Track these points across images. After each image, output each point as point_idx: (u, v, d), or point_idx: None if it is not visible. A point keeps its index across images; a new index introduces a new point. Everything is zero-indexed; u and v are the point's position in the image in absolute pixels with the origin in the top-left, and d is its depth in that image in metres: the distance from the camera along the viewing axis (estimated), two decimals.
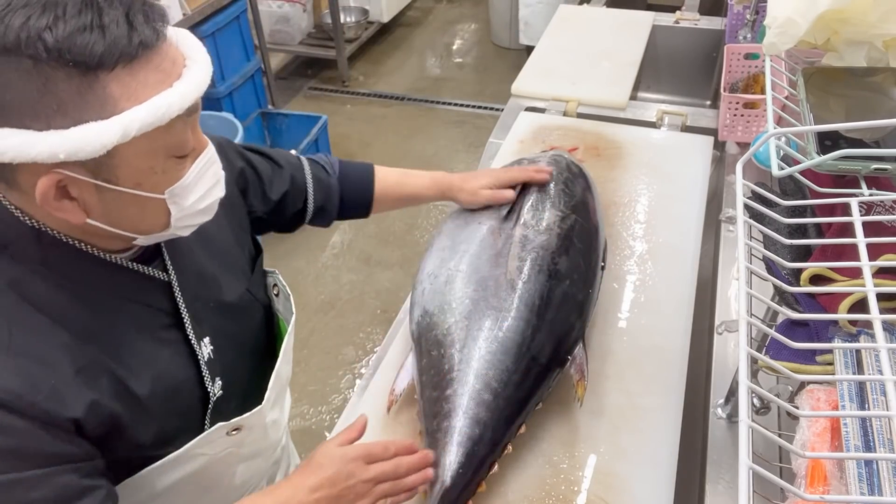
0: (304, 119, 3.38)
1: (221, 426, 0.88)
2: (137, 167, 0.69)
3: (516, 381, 1.00)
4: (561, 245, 1.16)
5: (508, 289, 1.08)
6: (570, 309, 1.11)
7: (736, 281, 1.31)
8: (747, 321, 0.64)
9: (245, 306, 0.97)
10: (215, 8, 2.92)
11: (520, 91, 1.99)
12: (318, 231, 3.20)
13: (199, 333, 0.87)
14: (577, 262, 1.16)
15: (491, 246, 1.16)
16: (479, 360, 1.01)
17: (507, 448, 1.00)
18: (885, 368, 0.58)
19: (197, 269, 0.89)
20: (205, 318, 0.88)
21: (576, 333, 1.11)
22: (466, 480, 0.94)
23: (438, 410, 0.98)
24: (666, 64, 2.40)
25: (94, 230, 0.73)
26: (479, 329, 1.04)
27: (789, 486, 0.53)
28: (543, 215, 1.21)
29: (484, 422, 0.96)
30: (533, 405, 1.04)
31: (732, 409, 1.07)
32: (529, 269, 1.11)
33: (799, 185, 0.94)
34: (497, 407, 0.98)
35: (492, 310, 1.06)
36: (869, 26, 0.83)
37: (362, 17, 4.45)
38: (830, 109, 0.80)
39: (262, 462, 1.04)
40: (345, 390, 2.51)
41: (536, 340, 1.04)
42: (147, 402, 0.80)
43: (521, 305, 1.06)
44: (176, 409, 0.85)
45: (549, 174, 1.27)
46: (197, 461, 0.88)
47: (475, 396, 0.97)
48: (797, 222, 0.80)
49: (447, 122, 3.99)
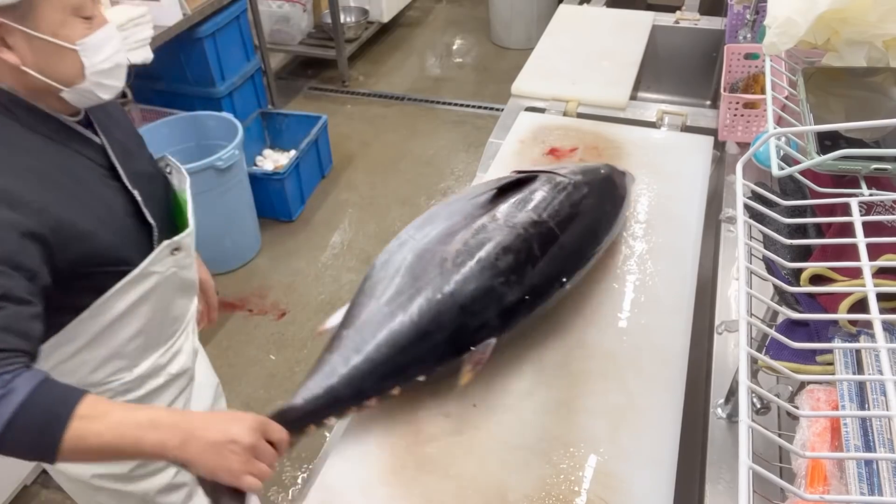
0: (304, 119, 3.38)
1: (167, 243, 1.16)
2: (52, 19, 0.97)
3: (401, 345, 1.06)
4: (514, 244, 1.16)
5: (437, 265, 1.12)
6: (490, 305, 1.11)
7: (736, 281, 1.31)
8: (747, 321, 0.64)
9: (154, 174, 1.27)
10: (215, 8, 2.92)
11: (520, 91, 1.99)
12: (318, 231, 3.20)
13: (133, 184, 1.14)
14: (524, 267, 1.15)
15: (453, 224, 1.20)
16: (379, 315, 1.08)
17: (371, 401, 1.05)
18: (885, 368, 0.58)
19: (118, 141, 1.17)
20: (132, 175, 1.15)
21: (489, 331, 1.11)
22: (314, 406, 1.02)
23: (331, 344, 1.08)
24: (666, 64, 2.40)
25: (34, 84, 1.00)
26: (394, 292, 1.11)
27: (789, 486, 0.53)
28: (518, 214, 1.22)
29: (356, 367, 1.04)
30: (413, 375, 1.08)
31: (732, 409, 1.07)
32: (466, 254, 1.13)
33: (799, 185, 0.94)
34: (373, 360, 1.05)
35: (413, 279, 1.11)
36: (869, 26, 0.83)
37: (362, 17, 4.45)
38: (830, 109, 0.80)
39: (188, 303, 1.32)
40: None
41: (436, 320, 1.07)
42: (99, 223, 1.05)
43: (437, 283, 1.10)
44: (126, 234, 1.12)
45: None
46: (150, 280, 1.15)
47: (360, 344, 1.06)
48: (797, 222, 0.80)
49: (447, 122, 3.99)
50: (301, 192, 3.31)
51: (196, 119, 2.89)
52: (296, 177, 3.21)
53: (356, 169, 3.62)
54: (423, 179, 3.51)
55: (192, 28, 2.83)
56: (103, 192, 1.11)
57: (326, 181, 3.51)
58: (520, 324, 1.16)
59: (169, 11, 2.64)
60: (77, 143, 1.10)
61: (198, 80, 3.09)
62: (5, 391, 0.85)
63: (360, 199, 3.41)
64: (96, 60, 1.04)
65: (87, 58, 1.03)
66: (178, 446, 0.89)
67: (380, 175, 3.57)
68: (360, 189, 3.48)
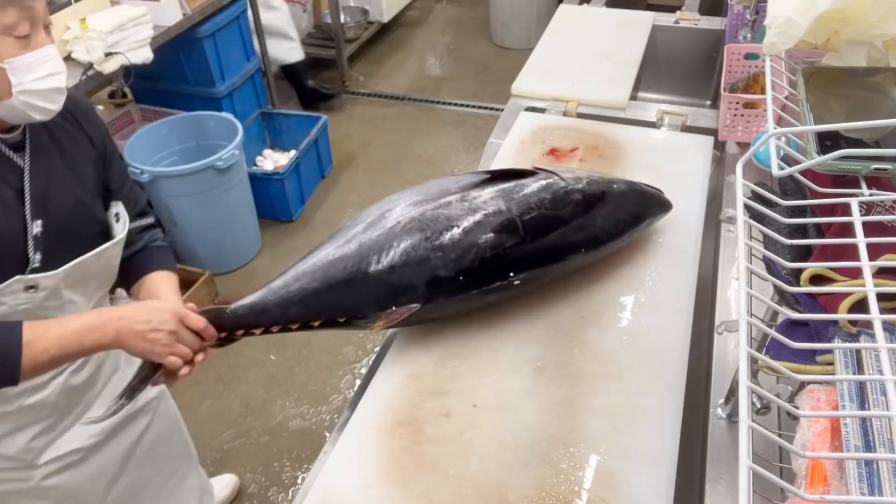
0: (303, 119, 3.38)
1: (18, 279, 1.12)
2: None
3: (331, 286, 1.16)
4: (466, 226, 1.18)
5: (389, 226, 1.20)
6: (421, 274, 1.16)
7: (736, 281, 1.31)
8: (747, 321, 0.64)
9: (81, 213, 1.23)
10: (215, 8, 2.92)
11: (520, 91, 1.99)
12: (318, 231, 3.20)
13: (35, 213, 1.14)
14: (468, 250, 1.17)
15: (429, 196, 1.25)
16: (326, 256, 1.19)
17: (295, 325, 1.17)
18: (885, 368, 0.58)
19: (51, 168, 1.17)
20: (44, 206, 1.15)
21: (415, 295, 1.16)
22: (245, 312, 1.16)
23: (284, 270, 1.20)
24: (666, 64, 2.40)
25: None
26: (344, 240, 1.20)
27: (789, 486, 0.53)
28: (499, 201, 1.22)
29: (290, 292, 1.16)
30: (335, 315, 1.18)
31: (732, 409, 1.07)
32: (417, 222, 1.19)
33: (799, 185, 0.94)
34: (305, 291, 1.16)
35: (364, 232, 1.20)
36: (869, 26, 0.83)
37: (362, 18, 4.45)
38: (830, 109, 0.80)
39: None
40: (345, 390, 2.51)
41: (365, 272, 1.16)
42: None
43: (380, 241, 1.18)
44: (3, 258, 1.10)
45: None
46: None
47: (301, 275, 1.18)
48: (797, 222, 0.80)
49: (447, 122, 3.99)
50: (301, 193, 3.31)
51: (196, 119, 2.89)
52: (296, 177, 3.21)
53: (356, 169, 3.62)
54: (423, 179, 3.46)
55: (192, 28, 2.83)
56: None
57: (326, 181, 3.51)
58: (455, 303, 1.21)
59: (169, 11, 2.65)
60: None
61: (198, 80, 3.09)
62: None
63: (361, 199, 3.41)
64: (26, 80, 1.05)
65: (14, 76, 1.05)
66: (113, 340, 1.08)
67: (380, 175, 3.57)
68: (361, 189, 3.48)
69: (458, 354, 1.23)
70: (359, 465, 1.07)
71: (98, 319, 1.09)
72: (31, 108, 1.09)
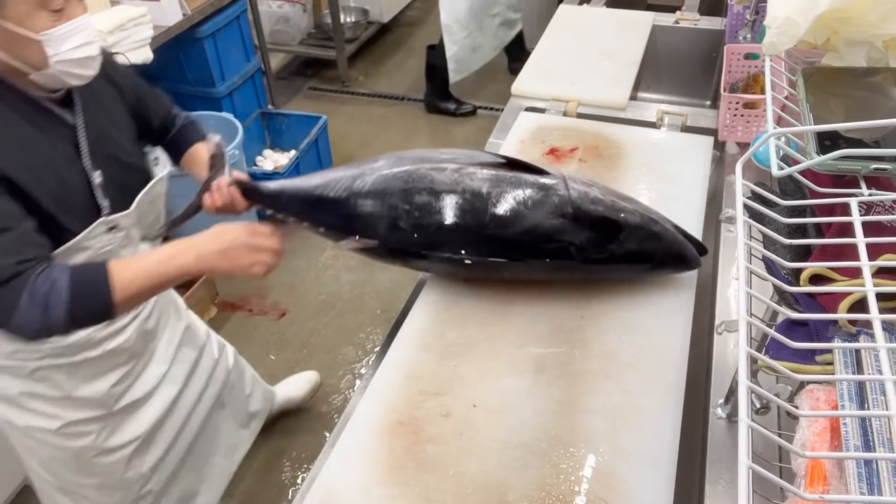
0: (303, 119, 3.38)
1: (101, 220, 1.24)
2: (18, 10, 1.06)
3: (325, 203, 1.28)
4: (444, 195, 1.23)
5: (388, 167, 1.28)
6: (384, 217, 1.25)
7: (736, 281, 1.31)
8: (747, 321, 0.64)
9: (129, 162, 1.34)
10: (215, 8, 2.92)
11: (520, 91, 1.99)
12: None
13: (94, 165, 1.24)
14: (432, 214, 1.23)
15: (442, 158, 1.31)
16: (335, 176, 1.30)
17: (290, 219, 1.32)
18: (884, 368, 0.58)
19: (98, 123, 1.26)
20: (100, 158, 1.25)
21: (375, 234, 1.25)
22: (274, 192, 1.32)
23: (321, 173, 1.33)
24: (666, 64, 2.40)
25: (8, 68, 1.11)
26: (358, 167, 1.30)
27: (789, 486, 0.53)
28: (485, 183, 1.23)
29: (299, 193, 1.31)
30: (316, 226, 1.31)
31: (732, 408, 1.07)
32: (408, 173, 1.26)
33: (799, 185, 0.93)
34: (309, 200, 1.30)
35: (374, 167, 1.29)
36: (869, 26, 0.83)
37: (362, 17, 4.45)
38: (830, 109, 0.80)
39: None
40: (345, 390, 2.51)
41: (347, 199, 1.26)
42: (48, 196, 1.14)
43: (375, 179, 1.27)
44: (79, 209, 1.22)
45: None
46: (83, 254, 1.23)
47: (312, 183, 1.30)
48: (797, 222, 0.80)
49: (447, 122, 3.98)
50: None
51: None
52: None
53: None
54: None
55: (192, 28, 2.84)
56: (61, 167, 1.19)
57: None
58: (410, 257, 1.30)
59: (169, 11, 2.65)
60: (43, 118, 1.19)
61: (198, 80, 3.09)
62: (51, 282, 1.08)
63: None
64: (61, 50, 1.11)
65: (50, 48, 1.10)
66: (195, 263, 1.18)
67: None
68: None
69: (458, 354, 1.23)
70: (359, 465, 1.07)
71: (175, 249, 1.18)
72: (69, 75, 1.16)
